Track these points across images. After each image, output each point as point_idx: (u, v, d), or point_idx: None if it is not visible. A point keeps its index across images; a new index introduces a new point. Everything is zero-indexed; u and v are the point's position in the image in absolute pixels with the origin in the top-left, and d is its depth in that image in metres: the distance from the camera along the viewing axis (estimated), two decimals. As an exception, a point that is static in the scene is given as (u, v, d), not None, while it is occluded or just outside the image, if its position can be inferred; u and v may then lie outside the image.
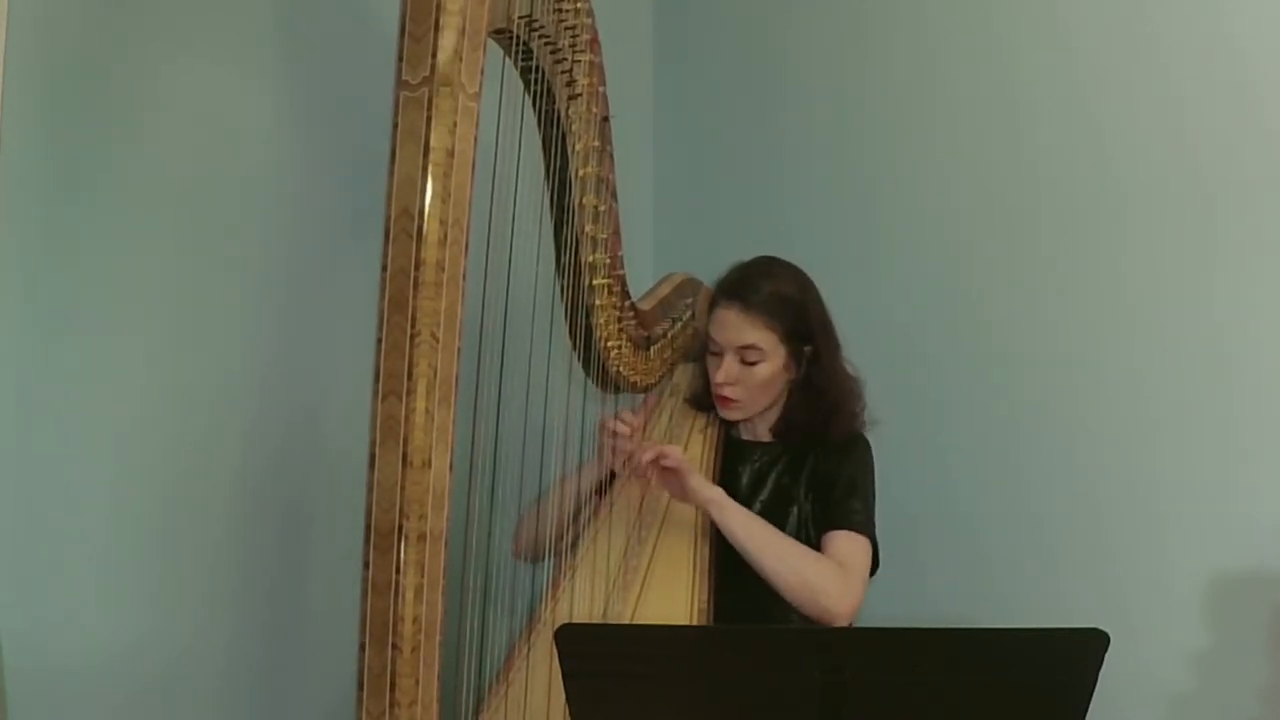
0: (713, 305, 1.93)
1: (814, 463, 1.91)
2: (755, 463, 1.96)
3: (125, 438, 1.78)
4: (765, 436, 1.99)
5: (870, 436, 1.96)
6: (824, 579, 1.76)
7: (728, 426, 2.01)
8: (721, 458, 1.96)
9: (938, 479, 2.28)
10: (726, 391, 1.91)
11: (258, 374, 1.96)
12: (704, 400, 2.01)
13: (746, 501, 1.89)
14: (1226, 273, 1.97)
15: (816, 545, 1.84)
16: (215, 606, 1.89)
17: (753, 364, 1.89)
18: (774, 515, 1.87)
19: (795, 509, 1.89)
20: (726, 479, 1.92)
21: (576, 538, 1.90)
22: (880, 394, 1.99)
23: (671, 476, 1.79)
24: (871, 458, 1.92)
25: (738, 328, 1.88)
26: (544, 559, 1.83)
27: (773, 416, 1.97)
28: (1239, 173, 1.95)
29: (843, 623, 1.76)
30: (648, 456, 1.78)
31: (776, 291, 1.89)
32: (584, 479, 1.91)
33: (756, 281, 1.89)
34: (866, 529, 1.84)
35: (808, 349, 1.91)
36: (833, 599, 1.75)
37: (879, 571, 1.88)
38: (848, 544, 1.81)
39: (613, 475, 1.94)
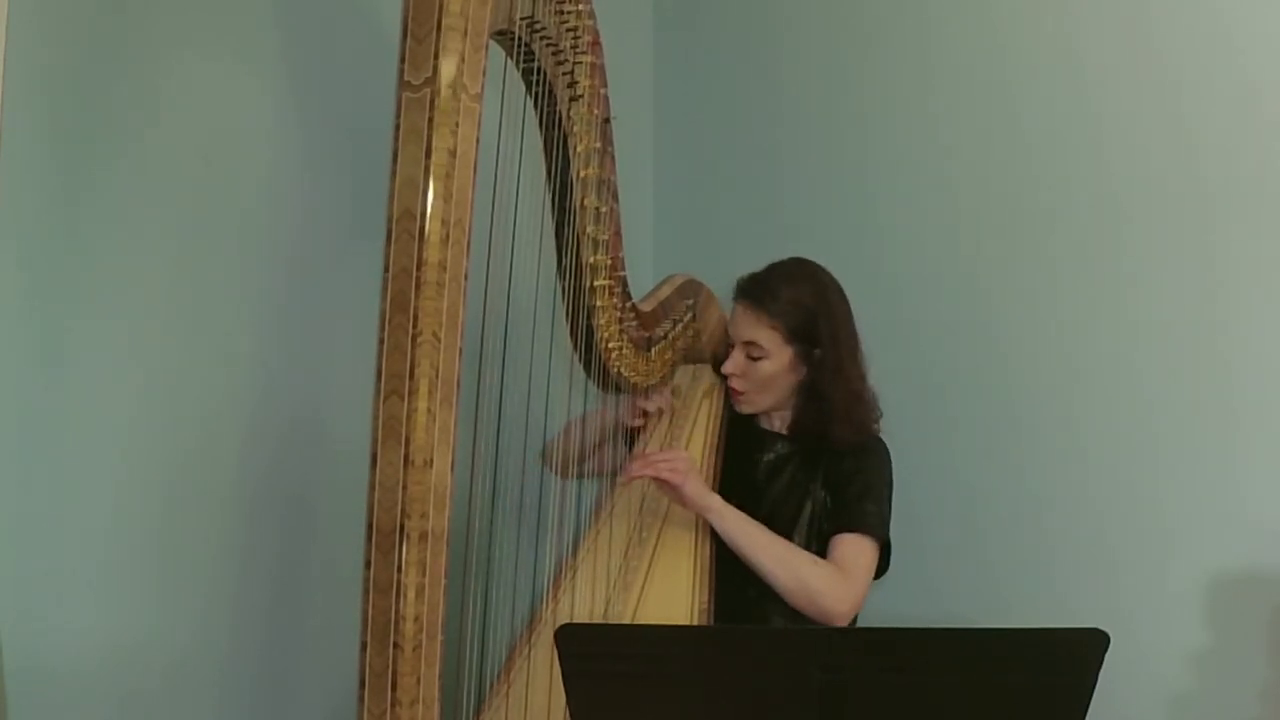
0: (733, 300, 2.00)
1: (831, 460, 1.92)
2: (773, 453, 1.99)
3: (126, 438, 1.78)
4: (785, 430, 2.01)
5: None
6: (822, 581, 1.78)
7: (749, 416, 2.03)
8: (724, 453, 1.98)
9: (938, 479, 2.28)
10: (733, 383, 1.98)
11: (259, 374, 1.96)
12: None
13: (762, 488, 1.93)
14: (1227, 273, 1.97)
15: (828, 542, 1.85)
16: (215, 606, 1.90)
17: (756, 360, 1.93)
18: (787, 506, 1.90)
19: (809, 502, 1.91)
20: (744, 465, 1.97)
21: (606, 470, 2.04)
22: (881, 395, 1.98)
23: (670, 489, 1.81)
24: (890, 461, 1.93)
25: (744, 324, 1.94)
26: (585, 475, 2.01)
27: (788, 413, 1.99)
28: (1240, 173, 1.95)
29: (841, 624, 1.78)
30: (648, 473, 1.80)
31: (789, 293, 1.92)
32: (608, 414, 2.05)
33: (772, 281, 1.94)
34: (877, 531, 1.85)
35: (817, 352, 1.92)
36: (830, 600, 1.77)
37: (879, 575, 1.88)
38: (853, 547, 1.83)
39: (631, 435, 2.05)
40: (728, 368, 1.96)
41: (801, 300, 1.92)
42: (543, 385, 1.73)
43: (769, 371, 1.93)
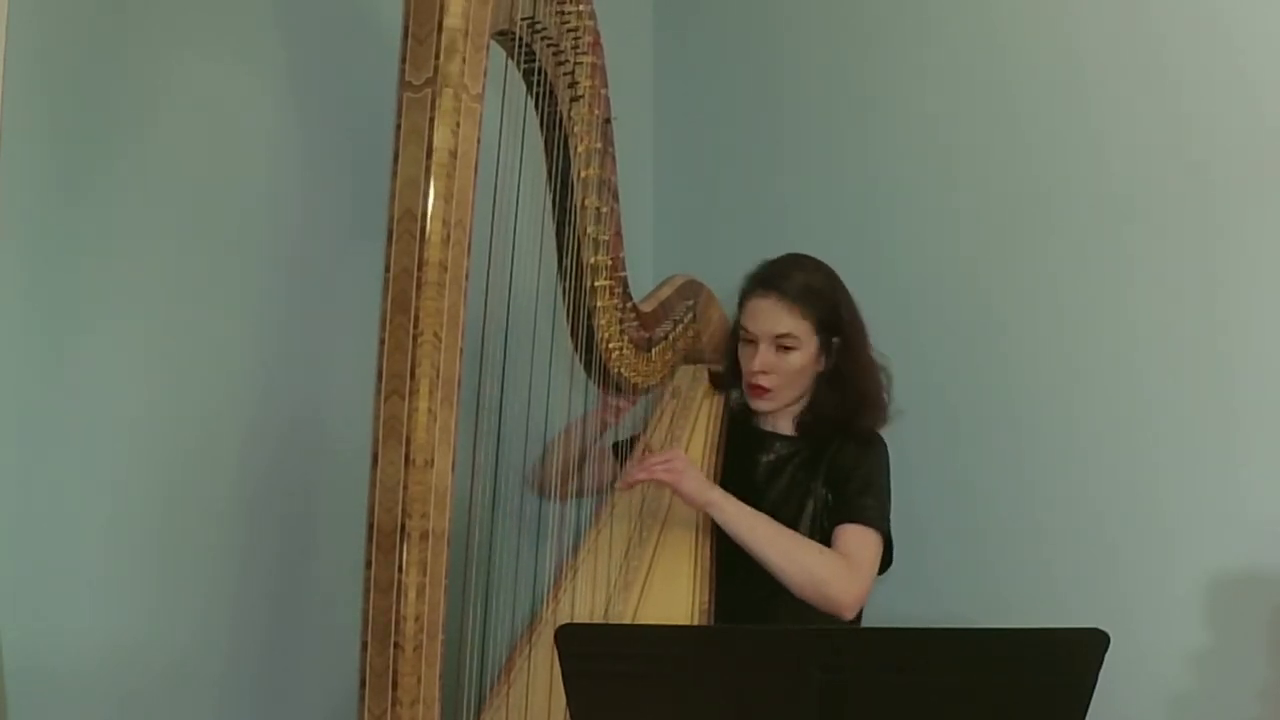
0: (746, 296, 1.97)
1: (831, 458, 1.93)
2: (773, 453, 1.99)
3: (126, 438, 1.78)
4: (787, 430, 2.01)
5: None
6: (828, 570, 1.78)
7: (747, 417, 2.03)
8: (724, 454, 1.98)
9: (938, 479, 2.28)
10: (761, 380, 1.94)
11: (260, 374, 1.96)
12: (727, 383, 2.07)
13: (762, 489, 1.93)
14: (1227, 273, 1.97)
15: (830, 539, 1.85)
16: (215, 606, 1.90)
17: (788, 351, 1.92)
18: (788, 506, 1.90)
19: (811, 502, 1.91)
20: (744, 466, 1.96)
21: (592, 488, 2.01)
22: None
23: (669, 487, 1.81)
24: (888, 457, 1.94)
25: (774, 316, 1.91)
26: (583, 493, 1.97)
27: (797, 409, 2.00)
28: (1240, 172, 1.95)
29: (850, 613, 1.78)
30: (643, 478, 1.80)
31: (809, 282, 1.93)
32: (589, 425, 2.03)
33: (790, 272, 1.94)
34: (879, 524, 1.86)
35: (836, 340, 1.94)
36: (837, 589, 1.77)
37: (882, 570, 1.88)
38: (857, 537, 1.83)
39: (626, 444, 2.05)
40: (757, 364, 1.92)
41: (821, 288, 1.93)
42: (543, 386, 1.73)
43: (800, 363, 1.93)
